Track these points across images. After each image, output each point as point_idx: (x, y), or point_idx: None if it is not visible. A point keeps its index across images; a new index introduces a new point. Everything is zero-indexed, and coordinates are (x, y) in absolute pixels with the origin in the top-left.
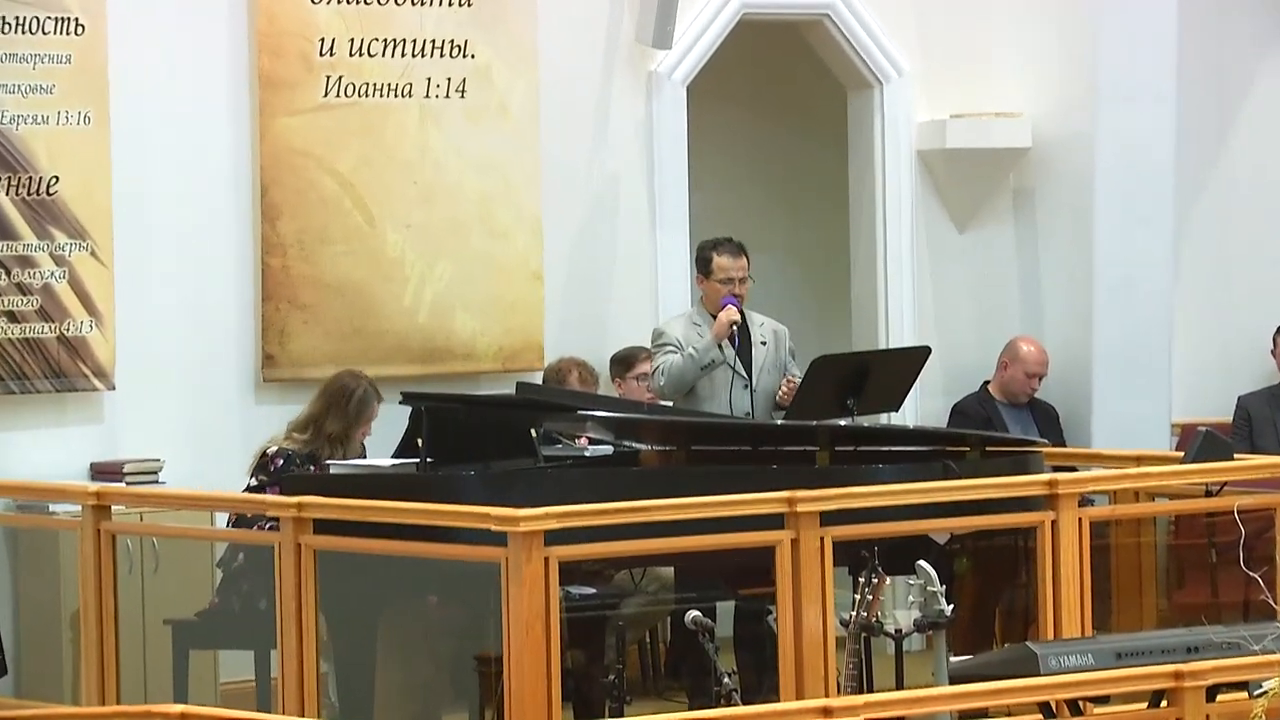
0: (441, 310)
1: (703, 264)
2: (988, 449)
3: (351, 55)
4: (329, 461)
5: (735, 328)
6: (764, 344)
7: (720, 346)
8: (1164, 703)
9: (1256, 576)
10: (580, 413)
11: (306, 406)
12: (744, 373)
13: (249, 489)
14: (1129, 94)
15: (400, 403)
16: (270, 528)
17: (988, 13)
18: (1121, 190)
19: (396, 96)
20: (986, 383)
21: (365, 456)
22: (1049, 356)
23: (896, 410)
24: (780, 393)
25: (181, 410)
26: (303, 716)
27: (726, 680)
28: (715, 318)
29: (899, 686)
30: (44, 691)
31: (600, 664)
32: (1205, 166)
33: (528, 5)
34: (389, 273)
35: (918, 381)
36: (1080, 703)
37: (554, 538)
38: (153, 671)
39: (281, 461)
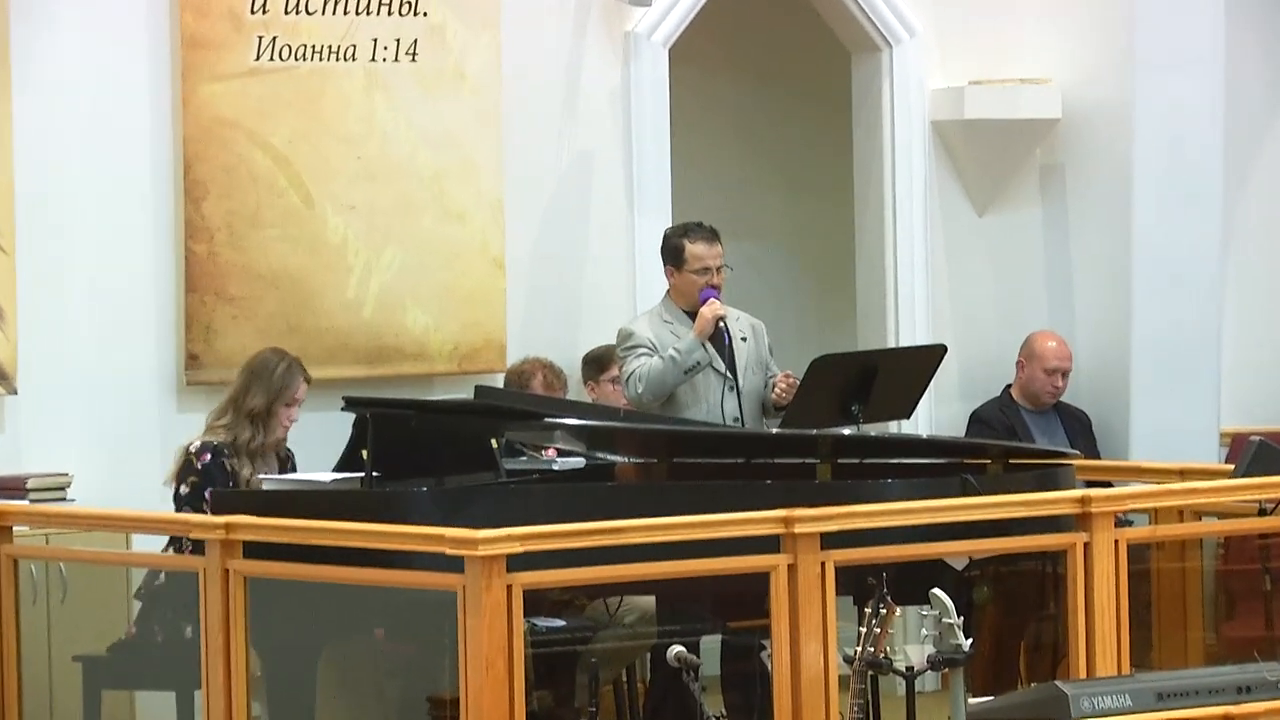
0: (389, 303)
1: (673, 253)
2: (1011, 461)
3: (287, 13)
4: (261, 477)
5: (720, 323)
6: (744, 340)
7: (704, 345)
8: None
9: None
10: (547, 420)
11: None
12: (729, 373)
13: (179, 497)
14: (1172, 59)
15: (342, 409)
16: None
17: None
18: (1163, 167)
19: (338, 60)
20: (1009, 386)
21: (293, 469)
22: (1080, 356)
23: (907, 418)
24: (778, 390)
25: (93, 418)
26: None
27: None
28: (688, 313)
29: None
30: None
31: (570, 706)
32: (1256, 141)
33: None
34: (330, 261)
35: (931, 385)
36: None
37: (518, 562)
38: (60, 714)
39: (209, 456)
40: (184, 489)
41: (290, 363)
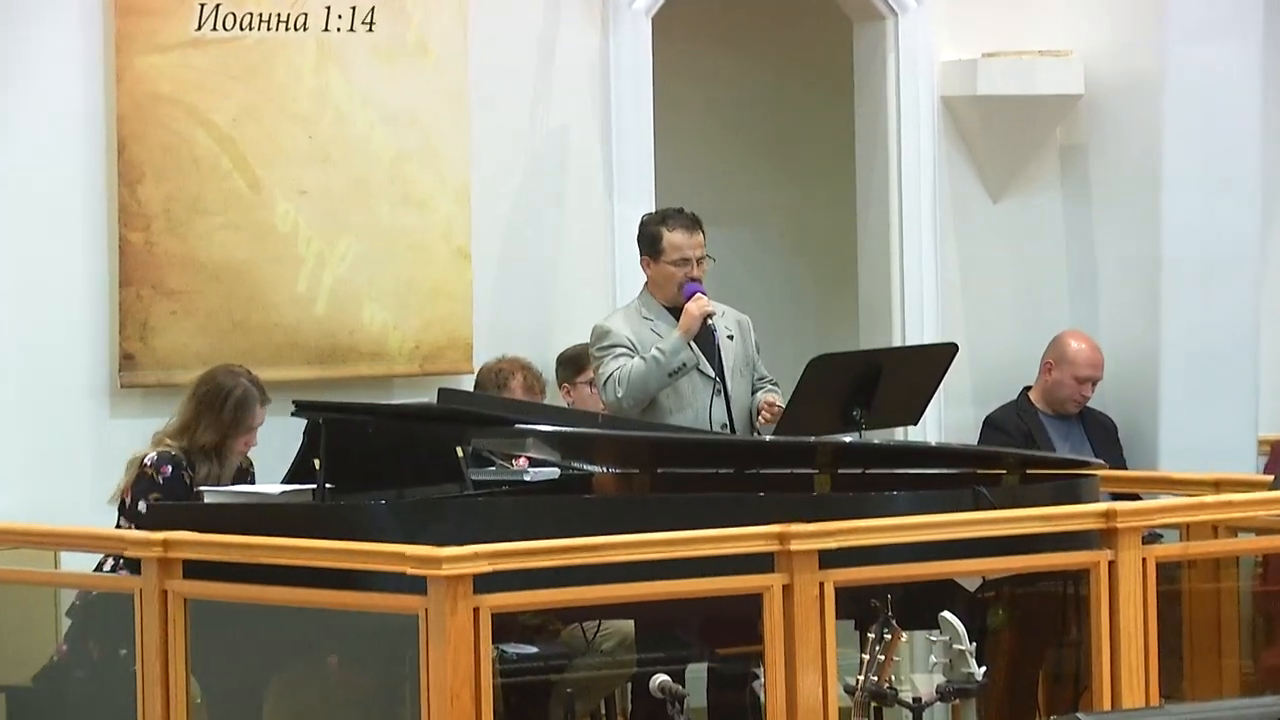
0: (344, 298)
1: (650, 243)
2: (1029, 472)
3: None
4: (202, 489)
5: (707, 321)
6: (730, 338)
7: (690, 345)
8: None
9: None
10: (518, 426)
11: (174, 415)
12: (716, 376)
13: (136, 515)
14: (1205, 28)
15: (293, 414)
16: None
17: None
18: (1196, 148)
19: (287, 29)
20: (1027, 389)
21: (252, 480)
22: (1105, 356)
23: (915, 424)
24: (763, 418)
25: (17, 424)
26: None
27: None
28: (668, 309)
29: None
30: None
31: None
32: None
33: None
34: (279, 251)
35: (941, 387)
36: None
37: (485, 583)
38: None
39: (170, 468)
40: (143, 505)
41: (245, 390)
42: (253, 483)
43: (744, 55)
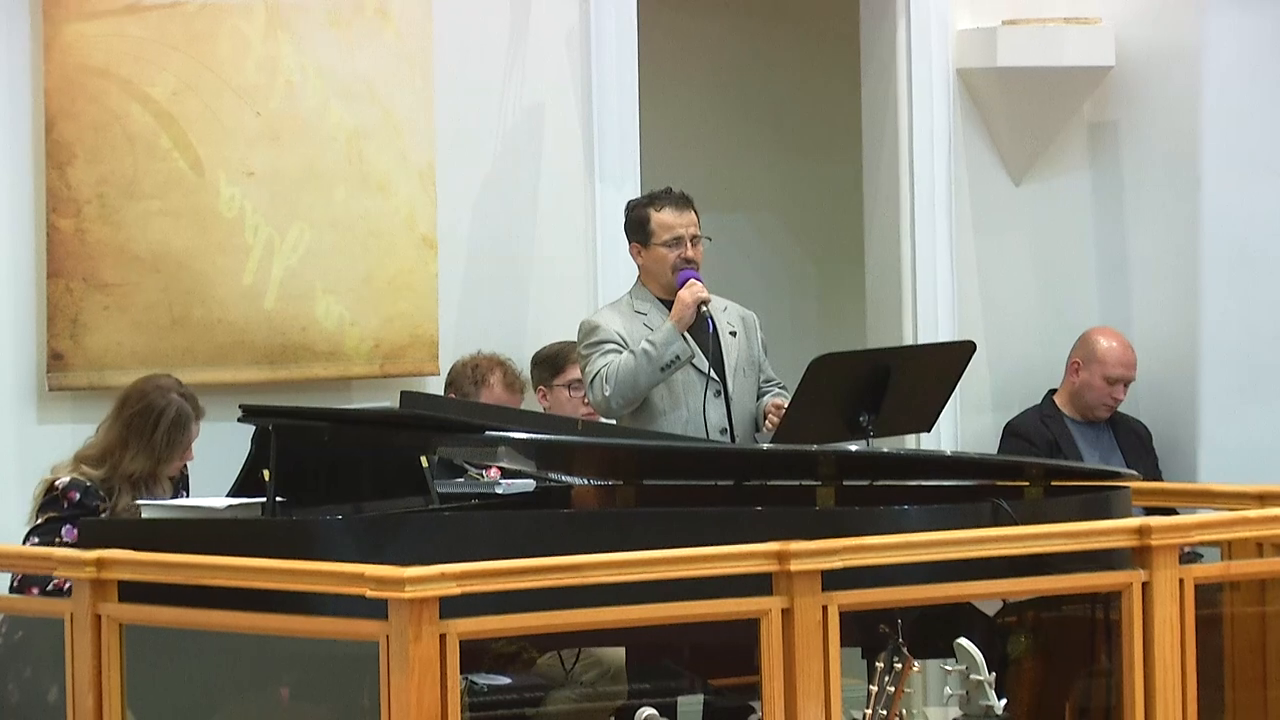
0: (296, 292)
1: (637, 227)
2: (1054, 484)
3: None
4: (140, 503)
5: (702, 309)
6: (733, 334)
7: (683, 336)
8: None
9: None
10: (489, 433)
11: (97, 433)
12: (714, 373)
13: (36, 530)
14: None
15: (239, 420)
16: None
17: None
18: (1238, 125)
19: None
20: (1052, 392)
21: (188, 489)
22: (1138, 356)
23: (928, 430)
24: (770, 422)
25: None
26: None
27: None
28: (664, 301)
29: None
30: None
31: None
32: None
33: None
34: (223, 240)
35: (957, 390)
36: None
37: (453, 606)
38: None
39: (78, 495)
40: (40, 521)
41: (179, 410)
42: (187, 492)
43: (739, 24)
